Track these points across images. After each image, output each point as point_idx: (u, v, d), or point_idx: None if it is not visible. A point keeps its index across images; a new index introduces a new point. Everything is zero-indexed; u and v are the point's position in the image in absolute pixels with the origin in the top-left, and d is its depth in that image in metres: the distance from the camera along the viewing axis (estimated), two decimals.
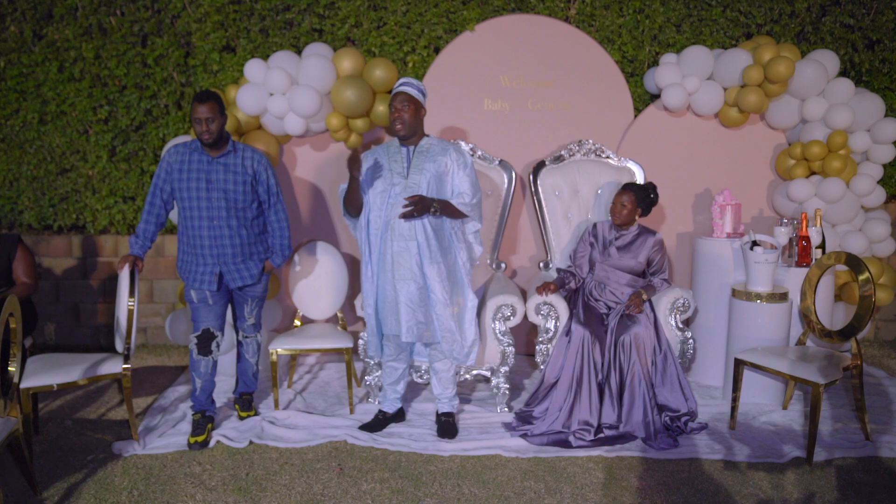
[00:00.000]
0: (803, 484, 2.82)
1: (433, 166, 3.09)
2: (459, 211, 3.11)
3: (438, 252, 3.07)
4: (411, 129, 3.09)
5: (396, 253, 3.07)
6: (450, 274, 3.12)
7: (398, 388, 3.38)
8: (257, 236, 3.27)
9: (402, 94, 3.06)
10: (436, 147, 3.14)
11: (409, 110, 3.06)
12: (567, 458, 3.03)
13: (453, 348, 3.17)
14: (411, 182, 3.07)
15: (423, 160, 3.10)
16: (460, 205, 3.10)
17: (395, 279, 3.08)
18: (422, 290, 3.07)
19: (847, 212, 4.20)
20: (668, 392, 3.37)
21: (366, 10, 4.39)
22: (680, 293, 3.52)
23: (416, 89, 3.08)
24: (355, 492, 2.74)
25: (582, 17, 4.49)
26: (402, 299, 3.08)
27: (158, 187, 3.16)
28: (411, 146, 3.15)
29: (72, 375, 3.01)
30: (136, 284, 3.10)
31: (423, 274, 3.06)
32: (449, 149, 3.14)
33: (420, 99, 3.09)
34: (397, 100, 3.07)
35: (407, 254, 3.06)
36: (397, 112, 3.06)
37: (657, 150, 4.42)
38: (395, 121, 3.08)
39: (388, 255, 3.09)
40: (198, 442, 3.12)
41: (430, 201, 3.02)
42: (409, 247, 3.06)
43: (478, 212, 3.18)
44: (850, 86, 4.18)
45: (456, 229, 3.16)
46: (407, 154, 3.14)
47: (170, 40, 4.42)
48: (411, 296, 3.07)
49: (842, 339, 3.30)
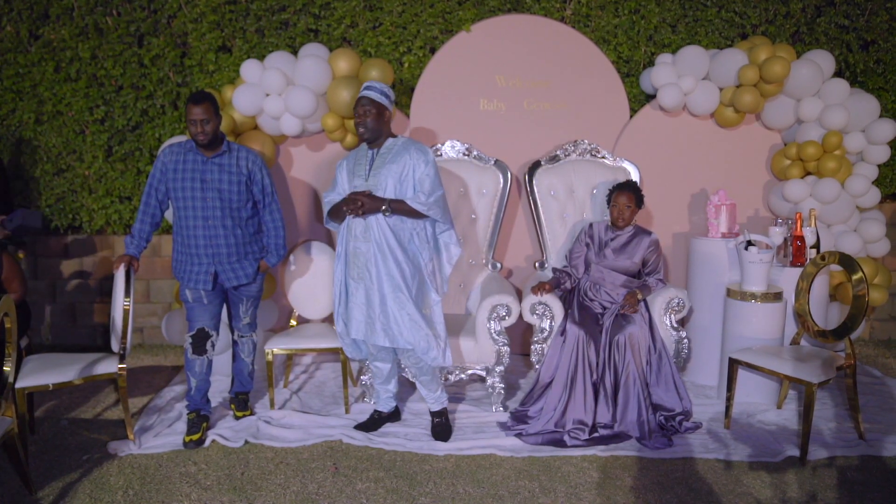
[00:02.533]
0: (797, 483, 2.83)
1: (395, 167, 3.07)
2: (415, 210, 3.04)
3: (400, 252, 3.04)
4: (374, 133, 3.09)
5: (351, 253, 3.10)
6: (414, 274, 3.07)
7: (389, 388, 3.37)
8: (252, 236, 3.28)
9: (365, 99, 3.07)
10: (399, 147, 3.13)
11: (372, 114, 3.05)
12: (562, 457, 3.04)
13: (429, 349, 3.09)
14: (371, 184, 3.07)
15: (385, 161, 3.10)
16: (416, 203, 3.03)
17: (350, 279, 3.11)
18: (371, 290, 3.06)
19: (842, 212, 4.21)
20: (662, 391, 3.38)
21: (361, 10, 4.39)
22: (675, 293, 3.53)
23: (378, 93, 3.08)
24: (350, 491, 2.75)
25: (578, 17, 4.50)
26: (357, 299, 3.10)
27: (153, 187, 3.16)
28: (375, 149, 3.16)
29: (67, 375, 3.02)
30: (131, 284, 3.11)
31: (377, 275, 3.04)
32: (410, 147, 3.12)
33: (383, 102, 3.08)
34: (360, 104, 3.07)
35: (361, 255, 3.07)
36: (360, 117, 3.07)
37: (653, 151, 4.43)
38: (358, 125, 3.09)
39: (347, 256, 3.13)
40: (193, 441, 3.12)
41: (381, 200, 3.02)
42: (363, 248, 3.07)
43: (438, 210, 3.07)
44: (846, 86, 4.18)
45: (418, 230, 3.11)
46: (371, 157, 3.15)
47: (166, 40, 4.42)
48: (362, 296, 3.09)
49: (836, 338, 3.31)
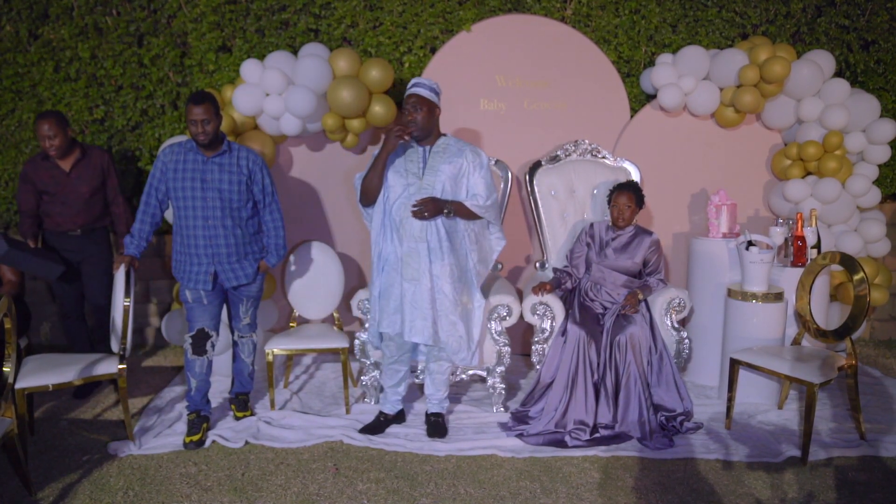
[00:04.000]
0: (798, 483, 2.83)
1: (449, 168, 3.08)
2: (472, 212, 3.10)
3: (450, 253, 3.07)
4: (425, 131, 3.08)
5: (406, 253, 3.07)
6: (461, 275, 3.13)
7: (399, 391, 3.37)
8: (252, 236, 3.27)
9: (415, 97, 3.04)
10: (452, 147, 3.13)
11: (423, 112, 3.04)
12: (563, 457, 3.04)
13: (460, 349, 3.16)
14: (426, 183, 3.07)
15: (439, 161, 3.09)
16: (474, 206, 3.09)
17: (403, 279, 3.08)
18: (429, 291, 3.06)
19: (842, 212, 4.21)
20: (663, 392, 3.37)
21: (362, 10, 4.39)
22: (675, 293, 3.53)
23: (428, 89, 3.05)
24: (351, 492, 2.74)
25: (578, 17, 4.50)
26: (407, 299, 3.07)
27: (153, 187, 3.16)
28: (427, 146, 3.14)
29: (67, 376, 3.01)
30: (131, 284, 3.10)
31: (432, 275, 3.06)
32: (465, 150, 3.13)
33: (433, 99, 3.07)
34: (409, 102, 3.04)
35: (416, 255, 3.05)
36: (410, 115, 3.04)
37: (653, 151, 4.43)
38: (409, 123, 3.05)
39: (397, 255, 3.09)
40: (193, 442, 3.12)
41: (443, 203, 3.02)
42: (419, 248, 3.05)
43: (493, 213, 3.18)
44: (846, 86, 4.19)
45: (469, 231, 3.16)
46: (423, 154, 3.13)
47: (166, 40, 4.41)
48: (417, 297, 3.06)
49: (837, 338, 3.31)
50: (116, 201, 3.77)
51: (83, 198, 3.65)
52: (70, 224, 3.66)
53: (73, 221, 3.66)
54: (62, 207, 3.63)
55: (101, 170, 3.69)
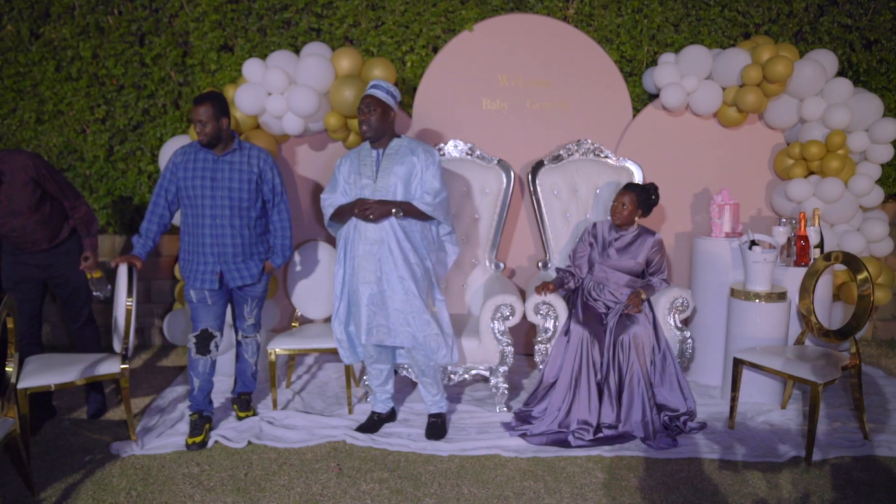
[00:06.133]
0: (802, 483, 2.83)
1: (402, 168, 3.08)
2: (422, 212, 3.09)
3: (412, 253, 3.07)
4: (378, 133, 3.09)
5: (361, 256, 3.09)
6: (424, 274, 3.12)
7: (387, 388, 3.38)
8: (259, 236, 3.27)
9: (369, 98, 3.06)
10: (405, 148, 3.14)
11: (376, 114, 3.05)
12: (566, 457, 3.03)
13: (439, 348, 3.14)
14: (380, 185, 3.08)
15: (392, 163, 3.10)
16: (422, 205, 3.07)
17: (359, 282, 3.09)
18: (382, 293, 3.07)
19: (845, 211, 4.21)
20: (666, 391, 3.37)
21: (364, 9, 4.38)
22: (678, 293, 3.53)
23: (383, 91, 3.08)
24: (354, 492, 2.74)
25: (580, 16, 4.49)
26: (363, 301, 3.09)
27: (163, 187, 3.16)
28: (380, 149, 3.15)
29: (69, 376, 3.01)
30: (134, 284, 3.10)
31: (386, 278, 3.05)
32: (418, 149, 3.14)
33: (388, 101, 3.08)
34: (364, 103, 3.07)
35: (371, 257, 3.06)
36: (363, 115, 3.06)
37: (656, 150, 4.42)
38: (361, 124, 3.08)
39: (355, 259, 3.11)
40: (196, 442, 3.11)
41: (391, 205, 3.03)
42: (374, 250, 3.06)
43: (441, 212, 3.13)
44: (849, 85, 4.18)
45: (426, 231, 3.16)
46: (377, 157, 3.14)
47: (167, 40, 4.41)
48: (372, 298, 3.08)
49: (840, 338, 3.30)
50: (73, 204, 3.27)
51: (30, 219, 3.15)
52: (31, 246, 3.24)
53: (34, 243, 3.23)
54: (14, 232, 3.17)
55: (31, 182, 3.10)
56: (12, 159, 3.07)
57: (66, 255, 3.33)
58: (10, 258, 3.29)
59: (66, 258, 3.33)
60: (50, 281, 3.36)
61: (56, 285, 3.37)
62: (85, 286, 3.42)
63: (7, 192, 3.08)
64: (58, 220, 3.27)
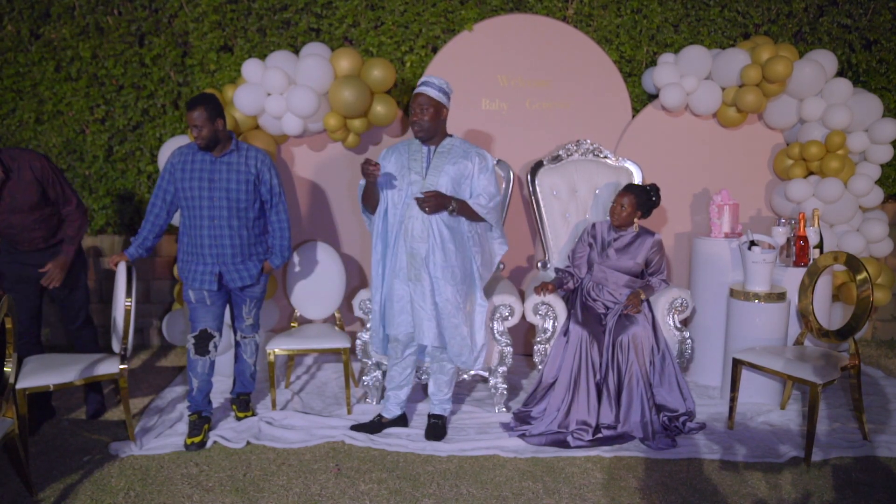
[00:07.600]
0: (801, 484, 2.82)
1: (453, 168, 3.06)
2: (476, 213, 3.09)
3: (454, 254, 3.06)
4: (431, 133, 3.06)
5: (408, 254, 3.06)
6: (464, 277, 3.11)
7: (400, 395, 3.34)
8: (258, 237, 3.26)
9: (422, 97, 3.01)
10: (457, 149, 3.11)
11: (429, 113, 3.01)
12: (565, 458, 3.03)
13: (462, 352, 3.15)
14: (429, 183, 3.05)
15: (444, 161, 3.07)
16: (477, 206, 3.07)
17: (406, 280, 3.08)
18: (430, 293, 3.05)
19: (845, 212, 4.21)
20: (666, 392, 3.37)
21: (363, 9, 4.38)
22: (678, 293, 3.52)
23: (436, 90, 3.02)
24: (353, 492, 2.74)
25: (580, 16, 4.49)
26: (410, 300, 3.08)
27: (162, 189, 3.16)
28: (432, 146, 3.13)
29: (68, 376, 3.00)
30: (133, 285, 3.10)
31: (432, 277, 3.04)
32: (471, 152, 3.12)
33: (441, 100, 3.04)
34: (416, 102, 3.02)
35: (419, 255, 3.05)
36: (416, 115, 3.02)
37: (655, 150, 4.42)
38: (413, 123, 3.03)
39: (400, 255, 3.09)
40: (194, 443, 3.11)
41: (448, 199, 3.01)
42: (421, 248, 3.04)
43: (495, 215, 3.16)
44: (848, 86, 4.18)
45: (473, 233, 3.14)
46: (427, 154, 3.12)
47: (167, 40, 4.41)
48: (418, 297, 3.06)
49: (839, 338, 3.30)
50: (66, 205, 3.26)
51: (29, 218, 3.16)
52: (28, 244, 3.24)
53: (31, 241, 3.24)
54: (12, 229, 3.19)
55: (36, 182, 3.12)
56: (22, 158, 3.11)
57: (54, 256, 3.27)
58: (7, 257, 3.29)
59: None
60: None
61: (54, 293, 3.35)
62: (83, 287, 3.42)
63: (11, 190, 3.10)
64: (57, 220, 3.29)
